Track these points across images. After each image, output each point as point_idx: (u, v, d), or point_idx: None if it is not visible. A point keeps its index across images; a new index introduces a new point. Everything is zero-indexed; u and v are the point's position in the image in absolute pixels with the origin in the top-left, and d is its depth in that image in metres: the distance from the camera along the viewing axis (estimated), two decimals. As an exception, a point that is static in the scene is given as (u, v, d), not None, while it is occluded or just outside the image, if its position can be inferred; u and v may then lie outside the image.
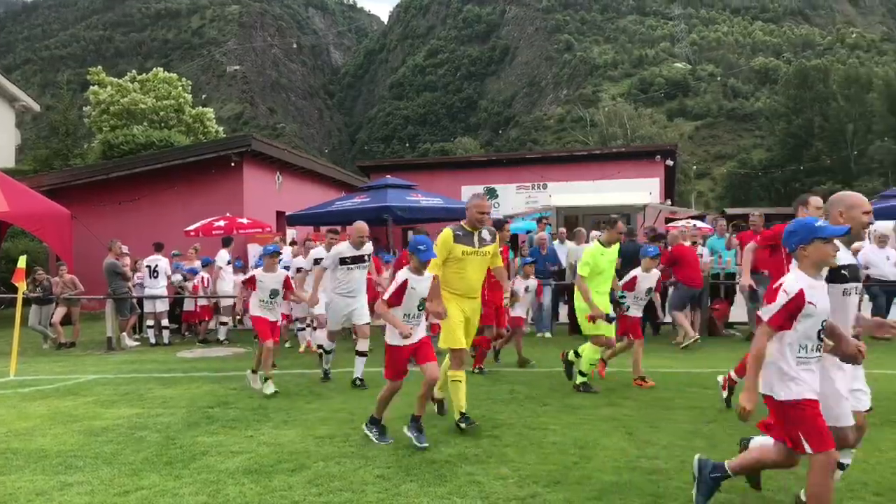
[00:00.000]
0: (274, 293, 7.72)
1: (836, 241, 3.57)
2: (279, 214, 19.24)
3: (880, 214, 16.59)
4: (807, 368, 3.43)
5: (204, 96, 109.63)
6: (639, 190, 20.66)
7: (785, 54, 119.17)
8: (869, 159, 60.66)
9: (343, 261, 7.82)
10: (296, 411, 6.65)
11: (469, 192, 23.88)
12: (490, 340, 8.49)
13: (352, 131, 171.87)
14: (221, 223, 15.71)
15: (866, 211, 3.97)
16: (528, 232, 17.46)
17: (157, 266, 12.80)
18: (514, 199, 23.61)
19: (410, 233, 19.99)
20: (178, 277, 13.14)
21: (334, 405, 6.90)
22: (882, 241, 12.14)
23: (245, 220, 16.26)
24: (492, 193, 24.01)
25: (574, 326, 11.86)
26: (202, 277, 13.01)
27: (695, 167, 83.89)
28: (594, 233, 12.65)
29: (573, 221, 18.66)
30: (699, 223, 21.22)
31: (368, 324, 7.96)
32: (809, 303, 3.37)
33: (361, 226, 7.92)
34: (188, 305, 13.28)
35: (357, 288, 7.92)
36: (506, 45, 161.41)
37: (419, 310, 5.40)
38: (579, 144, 79.67)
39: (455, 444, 5.38)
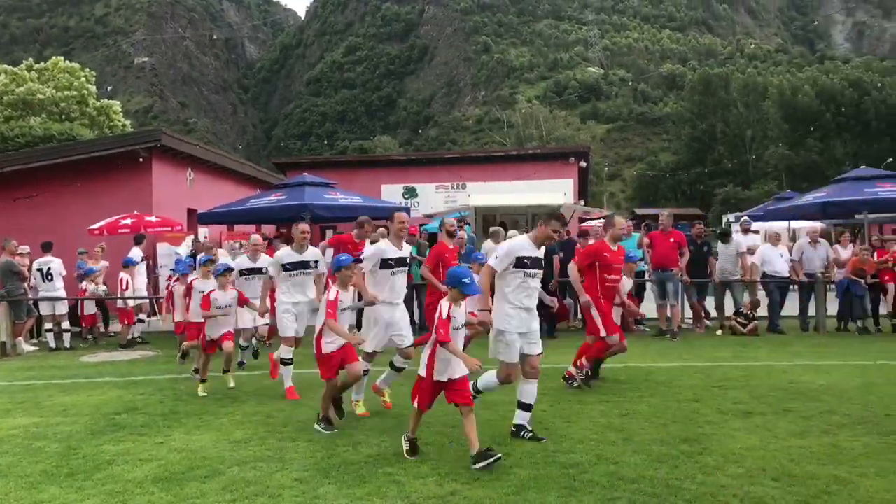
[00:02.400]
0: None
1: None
2: (191, 212, 18.58)
3: (775, 216, 17.74)
4: None
5: (109, 88, 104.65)
6: (554, 190, 21.14)
7: (690, 62, 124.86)
8: (765, 163, 64.36)
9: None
10: (209, 416, 6.44)
11: (389, 190, 23.86)
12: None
13: (267, 127, 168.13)
14: (128, 221, 15.01)
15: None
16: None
17: (49, 268, 12.10)
18: (434, 198, 23.70)
19: (329, 232, 19.77)
20: (99, 287, 12.45)
21: (249, 409, 6.72)
22: (775, 239, 12.89)
23: (154, 219, 15.60)
24: (411, 193, 24.03)
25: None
26: (122, 279, 12.37)
27: (606, 169, 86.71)
28: (512, 232, 12.86)
29: (491, 221, 18.89)
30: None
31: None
32: None
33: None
34: (89, 308, 12.62)
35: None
36: (424, 44, 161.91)
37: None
38: (497, 145, 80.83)
39: (374, 444, 5.35)
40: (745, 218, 15.83)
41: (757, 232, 14.12)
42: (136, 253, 12.85)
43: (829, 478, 4.40)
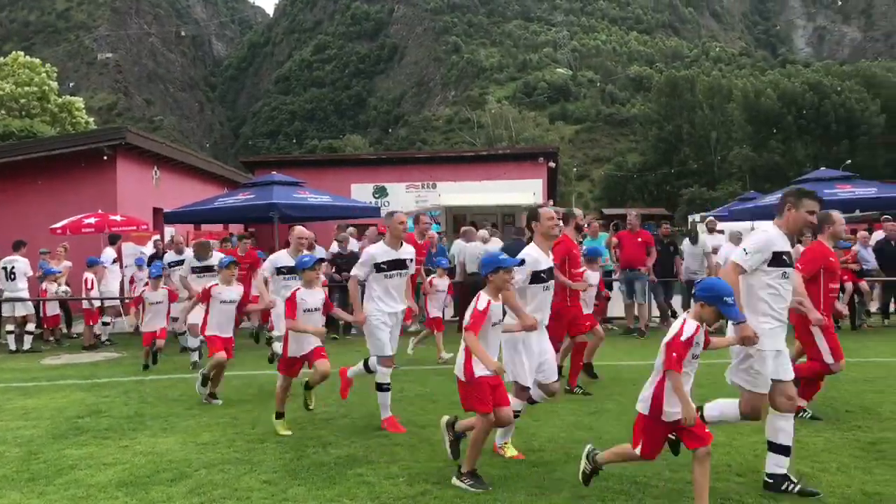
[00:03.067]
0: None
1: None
2: (156, 211, 18.29)
3: (739, 216, 18.07)
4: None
5: (72, 84, 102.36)
6: (523, 190, 21.29)
7: (657, 64, 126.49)
8: (730, 164, 65.50)
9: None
10: (175, 418, 6.34)
11: (358, 190, 23.75)
12: None
13: (235, 126, 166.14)
14: (92, 220, 14.71)
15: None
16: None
17: (13, 267, 11.79)
18: (404, 198, 23.67)
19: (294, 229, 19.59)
20: (61, 287, 12.14)
21: (217, 410, 6.64)
22: (737, 239, 13.09)
23: (119, 218, 15.30)
24: (382, 192, 23.96)
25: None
26: (87, 279, 12.09)
27: (575, 169, 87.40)
28: (482, 232, 12.90)
29: (462, 220, 18.94)
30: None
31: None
32: None
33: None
34: (51, 309, 12.33)
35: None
36: (394, 44, 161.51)
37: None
38: (467, 145, 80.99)
39: (344, 445, 5.32)
40: (711, 218, 16.08)
41: (722, 231, 14.35)
42: (109, 253, 12.57)
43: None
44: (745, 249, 4.21)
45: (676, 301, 12.93)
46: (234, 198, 15.48)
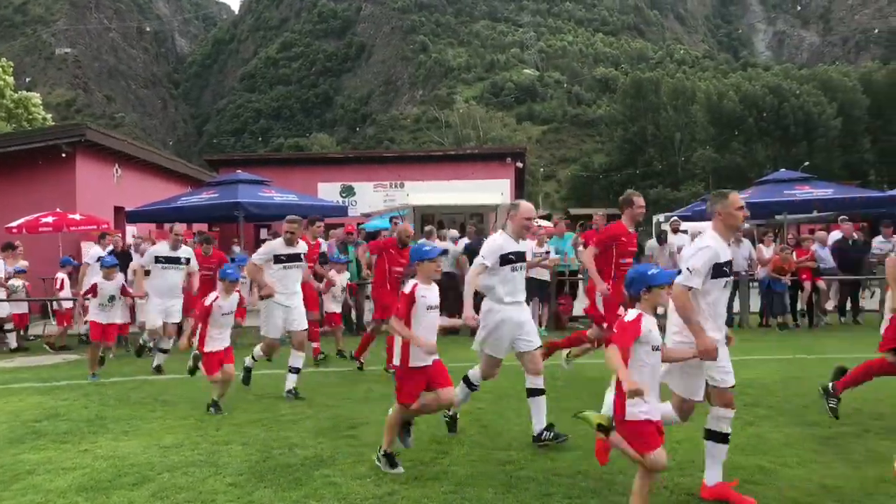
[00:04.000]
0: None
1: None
2: (118, 210, 17.92)
3: (702, 216, 18.36)
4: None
5: (28, 80, 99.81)
6: (491, 190, 21.34)
7: (623, 65, 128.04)
8: (693, 165, 66.68)
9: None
10: (138, 420, 6.22)
11: (326, 189, 23.57)
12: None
13: (199, 123, 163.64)
14: (49, 219, 14.35)
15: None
16: (384, 230, 17.48)
17: None
18: (372, 197, 23.58)
19: (263, 231, 19.38)
20: (16, 283, 11.76)
21: (181, 412, 6.52)
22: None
23: (78, 216, 14.95)
24: (349, 191, 23.83)
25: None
26: (58, 279, 11.73)
27: (542, 169, 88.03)
28: (452, 232, 12.92)
29: (430, 220, 18.92)
30: (544, 222, 22.31)
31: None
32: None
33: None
34: (19, 309, 11.98)
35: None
36: (362, 42, 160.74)
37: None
38: (435, 145, 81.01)
39: (311, 446, 5.28)
40: (675, 218, 16.33)
41: (685, 231, 14.59)
42: (95, 251, 12.02)
43: (753, 468, 4.59)
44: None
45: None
46: (197, 196, 15.26)
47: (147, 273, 8.86)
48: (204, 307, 6.43)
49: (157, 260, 8.60)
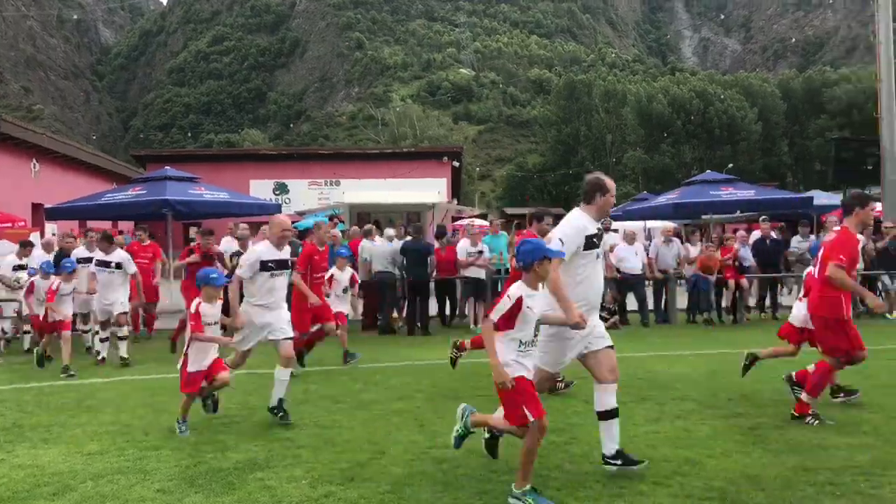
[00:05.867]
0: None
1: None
2: (36, 207, 17.09)
3: (632, 216, 18.93)
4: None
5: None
6: (428, 189, 21.42)
7: (556, 67, 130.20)
8: (624, 166, 68.44)
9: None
10: (59, 427, 5.94)
11: (258, 186, 23.14)
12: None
13: (125, 117, 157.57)
14: (-39, 216, 13.58)
15: None
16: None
17: None
18: (307, 195, 23.28)
19: (193, 229, 18.83)
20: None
21: (105, 418, 6.25)
22: (631, 238, 13.72)
23: (-8, 213, 14.20)
24: (283, 189, 23.43)
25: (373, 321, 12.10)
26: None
27: (478, 169, 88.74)
28: (389, 231, 12.86)
29: (366, 218, 18.81)
30: (480, 221, 22.54)
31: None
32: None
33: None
34: None
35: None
36: (296, 37, 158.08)
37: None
38: (371, 143, 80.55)
39: (244, 448, 5.16)
40: (606, 217, 16.74)
41: (616, 231, 14.97)
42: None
43: (681, 459, 4.75)
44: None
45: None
46: (123, 193, 14.71)
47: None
48: (193, 315, 5.68)
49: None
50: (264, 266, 6.08)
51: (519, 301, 4.01)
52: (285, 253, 6.27)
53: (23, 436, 5.70)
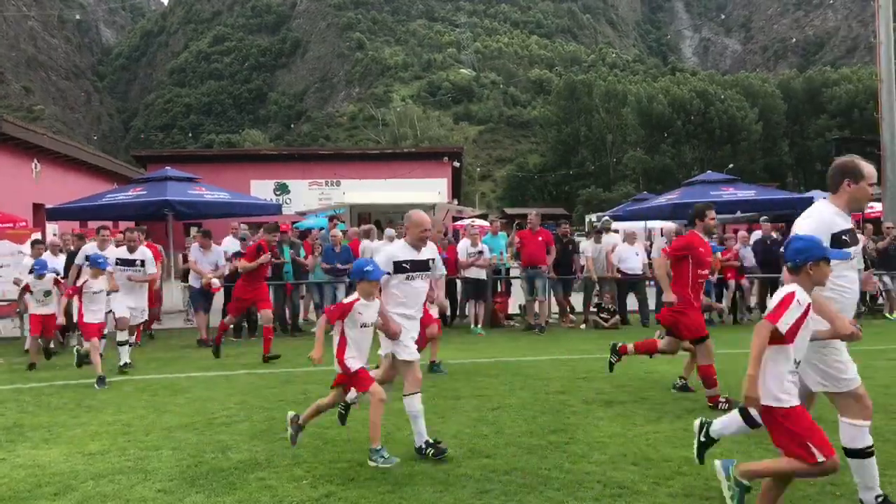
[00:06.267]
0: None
1: None
2: (37, 207, 17.11)
3: (632, 216, 18.91)
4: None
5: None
6: (428, 189, 21.43)
7: (557, 67, 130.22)
8: (624, 166, 68.50)
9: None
10: (59, 427, 5.94)
11: (259, 186, 23.12)
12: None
13: (126, 118, 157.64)
14: (-39, 216, 13.60)
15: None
16: (321, 229, 17.28)
17: None
18: (307, 195, 23.29)
19: (193, 229, 18.84)
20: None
21: (106, 417, 6.26)
22: (632, 238, 13.73)
23: (-7, 213, 14.21)
24: (283, 189, 23.45)
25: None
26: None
27: (478, 169, 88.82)
28: (389, 231, 12.86)
29: (367, 219, 18.83)
30: (480, 221, 22.56)
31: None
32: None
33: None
34: None
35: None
36: (297, 38, 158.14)
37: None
38: (371, 143, 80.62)
39: (245, 449, 5.17)
40: (606, 218, 16.75)
41: (616, 231, 14.98)
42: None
43: (681, 459, 4.75)
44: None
45: (577, 298, 13.37)
46: (124, 194, 14.73)
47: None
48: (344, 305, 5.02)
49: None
50: (398, 267, 5.28)
51: (808, 308, 3.44)
52: (426, 253, 5.44)
53: (24, 436, 5.71)
